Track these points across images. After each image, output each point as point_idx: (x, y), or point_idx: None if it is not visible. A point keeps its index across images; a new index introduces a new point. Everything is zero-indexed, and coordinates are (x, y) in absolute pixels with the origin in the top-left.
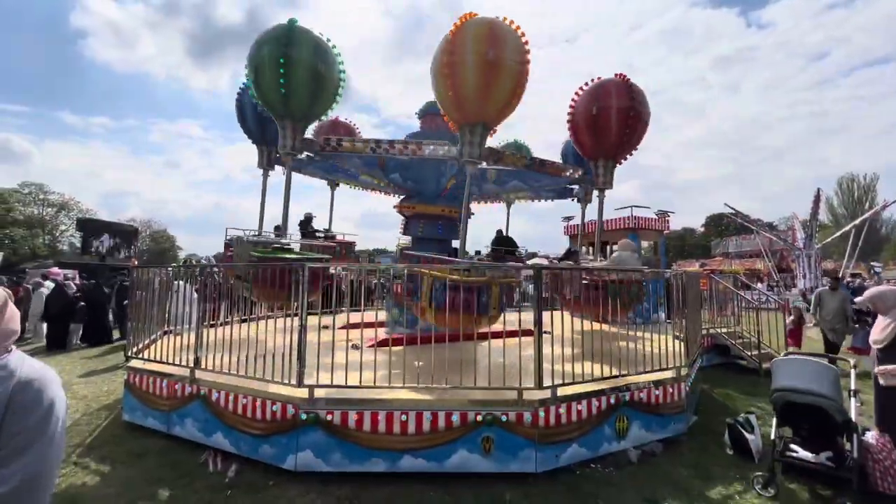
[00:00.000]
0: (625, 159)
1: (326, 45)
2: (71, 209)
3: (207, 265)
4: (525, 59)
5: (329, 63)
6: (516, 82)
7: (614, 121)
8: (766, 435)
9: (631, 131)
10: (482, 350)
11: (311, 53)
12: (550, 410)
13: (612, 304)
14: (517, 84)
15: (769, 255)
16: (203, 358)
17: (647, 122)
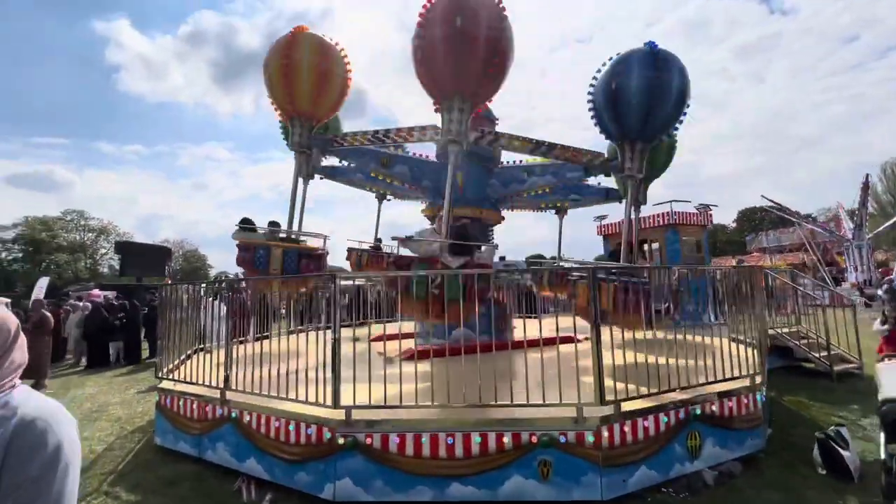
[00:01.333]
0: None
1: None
2: (109, 233)
3: (235, 280)
4: None
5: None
6: None
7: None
8: (863, 451)
9: (656, 106)
10: (522, 360)
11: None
12: (614, 429)
13: None
14: None
15: (813, 249)
16: (233, 377)
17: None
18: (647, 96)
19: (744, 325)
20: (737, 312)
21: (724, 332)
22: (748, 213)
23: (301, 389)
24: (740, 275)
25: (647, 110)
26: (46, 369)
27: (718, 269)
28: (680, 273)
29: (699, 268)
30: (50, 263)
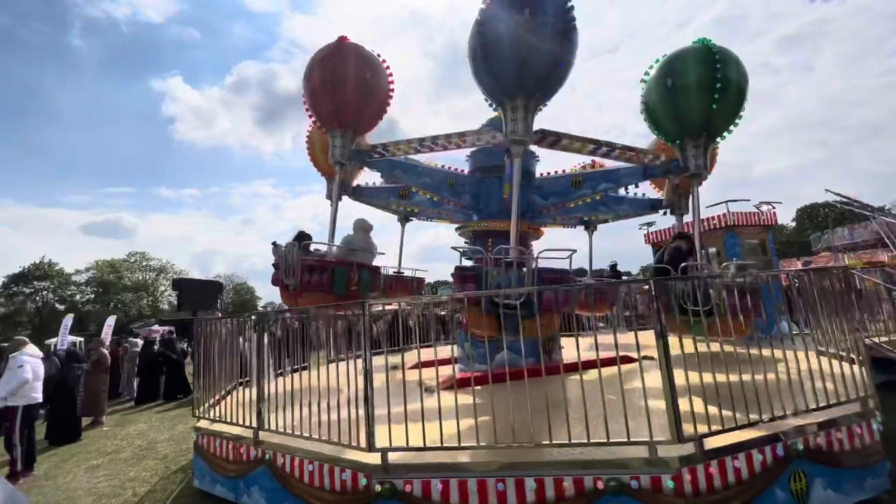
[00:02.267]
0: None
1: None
2: (168, 271)
3: (268, 312)
4: None
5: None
6: None
7: (693, 91)
8: None
9: (720, 100)
10: (576, 386)
11: (358, 64)
12: (698, 471)
13: None
14: None
15: (894, 244)
16: (266, 416)
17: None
18: (705, 91)
19: (836, 336)
20: (827, 321)
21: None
22: (809, 211)
23: (335, 429)
24: (829, 277)
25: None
26: (104, 406)
27: (803, 272)
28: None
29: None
30: (117, 303)
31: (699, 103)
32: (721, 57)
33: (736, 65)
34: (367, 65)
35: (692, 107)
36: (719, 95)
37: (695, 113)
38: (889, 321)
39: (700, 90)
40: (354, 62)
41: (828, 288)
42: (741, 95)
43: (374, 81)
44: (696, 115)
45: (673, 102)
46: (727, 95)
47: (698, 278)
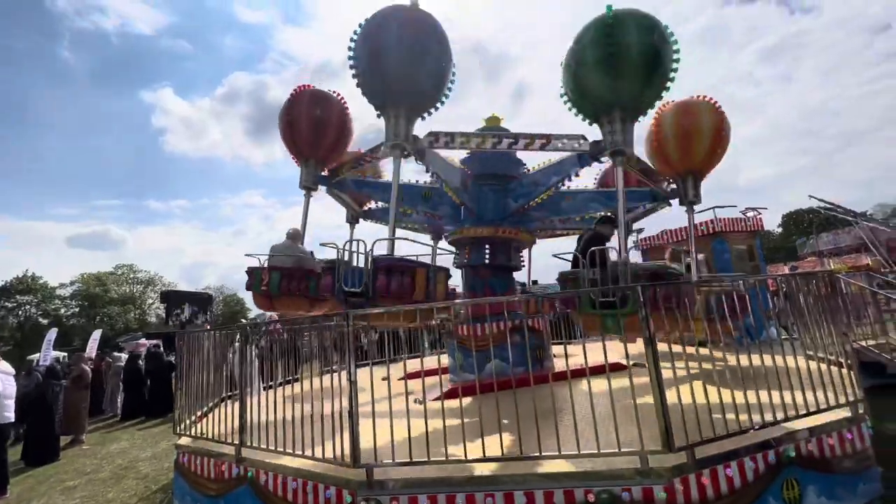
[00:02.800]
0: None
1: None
2: (156, 284)
3: (253, 323)
4: None
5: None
6: None
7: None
8: None
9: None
10: (566, 396)
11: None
12: (690, 481)
13: None
14: None
15: (877, 248)
16: (249, 432)
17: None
18: (602, 65)
19: (824, 340)
20: (815, 326)
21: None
22: (794, 217)
23: (319, 444)
24: (815, 281)
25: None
26: (84, 423)
27: (791, 277)
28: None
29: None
30: (103, 316)
31: (599, 78)
32: (616, 23)
33: (638, 29)
34: (317, 104)
35: (594, 83)
36: (618, 67)
37: (598, 89)
38: (875, 324)
39: (597, 64)
40: (306, 104)
41: (814, 292)
42: (650, 62)
43: (326, 117)
44: (600, 92)
45: (577, 82)
46: (628, 65)
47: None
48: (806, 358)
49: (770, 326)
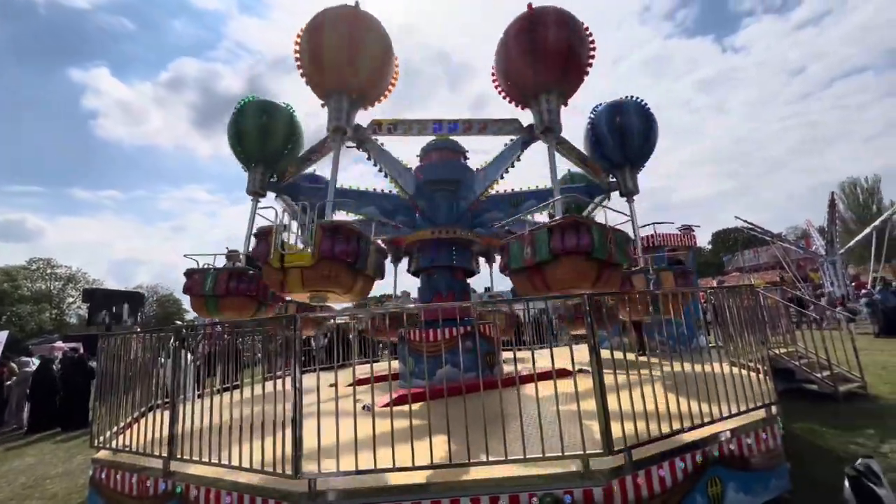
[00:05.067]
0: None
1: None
2: (78, 281)
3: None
4: None
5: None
6: None
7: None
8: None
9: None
10: (515, 401)
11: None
12: (627, 482)
13: None
14: None
15: (789, 266)
16: (180, 443)
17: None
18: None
19: (745, 348)
20: (738, 335)
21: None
22: (722, 235)
23: (258, 455)
24: (739, 294)
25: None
26: None
27: (718, 290)
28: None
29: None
30: (11, 316)
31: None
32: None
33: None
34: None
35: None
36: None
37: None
38: (786, 334)
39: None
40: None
41: (738, 304)
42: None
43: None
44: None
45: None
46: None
47: None
48: (730, 364)
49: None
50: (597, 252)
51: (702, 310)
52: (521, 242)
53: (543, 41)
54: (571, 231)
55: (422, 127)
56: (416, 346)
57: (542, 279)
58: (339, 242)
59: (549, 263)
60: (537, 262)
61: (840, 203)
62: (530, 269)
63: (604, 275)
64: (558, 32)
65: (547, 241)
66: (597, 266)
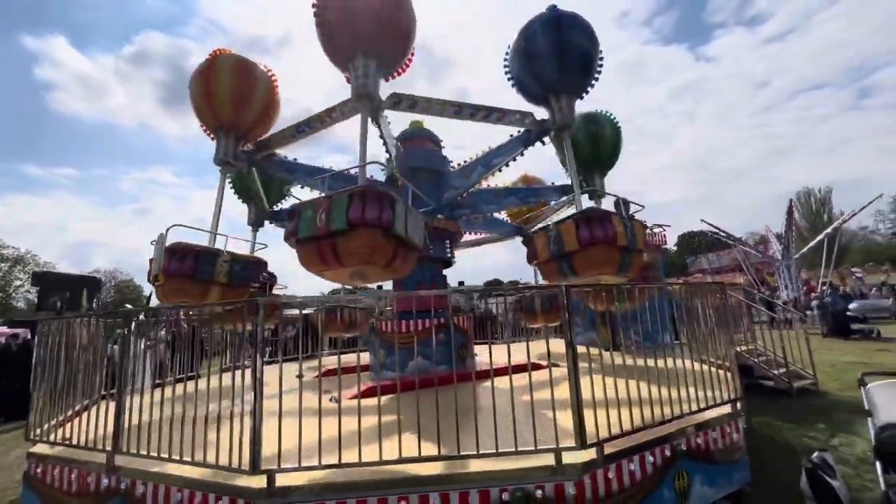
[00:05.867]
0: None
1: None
2: (27, 263)
3: (139, 309)
4: None
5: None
6: None
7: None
8: (845, 477)
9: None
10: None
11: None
12: (598, 476)
13: None
14: None
15: (748, 269)
16: (126, 436)
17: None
18: (557, 56)
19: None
20: (708, 332)
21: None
22: (687, 238)
23: (213, 448)
24: (709, 292)
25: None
26: None
27: (688, 286)
28: None
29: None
30: None
31: (550, 65)
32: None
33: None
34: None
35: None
36: (564, 57)
37: (548, 75)
38: (747, 332)
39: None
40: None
41: (708, 302)
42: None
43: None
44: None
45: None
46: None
47: None
48: (700, 362)
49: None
50: (396, 229)
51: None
52: (315, 207)
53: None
54: (373, 201)
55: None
56: (387, 338)
57: (334, 250)
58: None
59: (344, 234)
60: (332, 230)
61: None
62: (321, 239)
63: (399, 254)
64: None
65: (346, 208)
66: (394, 244)
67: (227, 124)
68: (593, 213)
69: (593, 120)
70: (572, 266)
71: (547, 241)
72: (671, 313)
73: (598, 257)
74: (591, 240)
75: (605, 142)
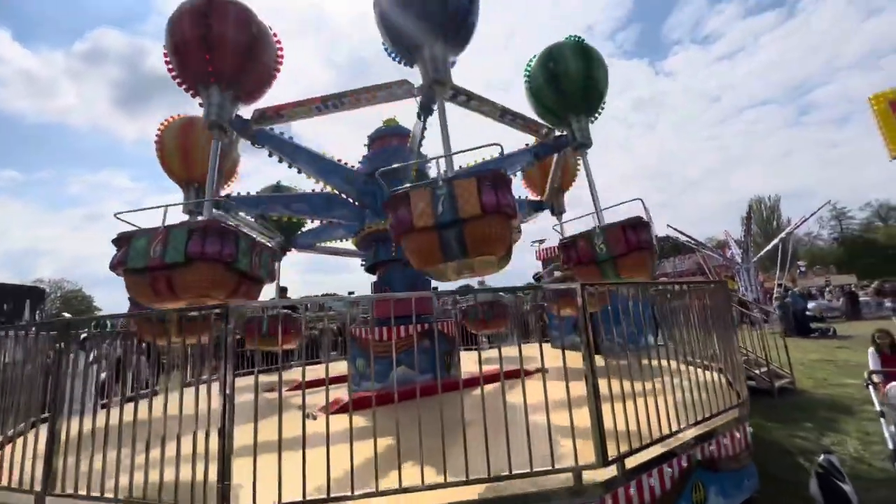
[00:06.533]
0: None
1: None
2: None
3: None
4: None
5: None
6: None
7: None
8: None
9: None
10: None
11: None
12: (619, 495)
13: None
14: None
15: (710, 272)
16: (61, 473)
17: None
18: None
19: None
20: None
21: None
22: None
23: (170, 485)
24: (708, 291)
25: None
26: None
27: (686, 283)
28: None
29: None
30: None
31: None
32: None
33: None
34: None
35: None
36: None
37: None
38: None
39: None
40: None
41: (707, 302)
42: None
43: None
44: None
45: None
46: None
47: None
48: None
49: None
50: (238, 264)
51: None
52: (149, 239)
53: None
54: (215, 236)
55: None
56: (367, 346)
57: (168, 283)
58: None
59: (181, 267)
60: (168, 263)
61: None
62: (154, 270)
63: (243, 287)
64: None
65: (185, 241)
66: (237, 277)
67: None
68: (639, 221)
69: (549, 57)
70: (616, 269)
71: (591, 244)
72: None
73: (641, 261)
74: (638, 244)
75: (571, 77)
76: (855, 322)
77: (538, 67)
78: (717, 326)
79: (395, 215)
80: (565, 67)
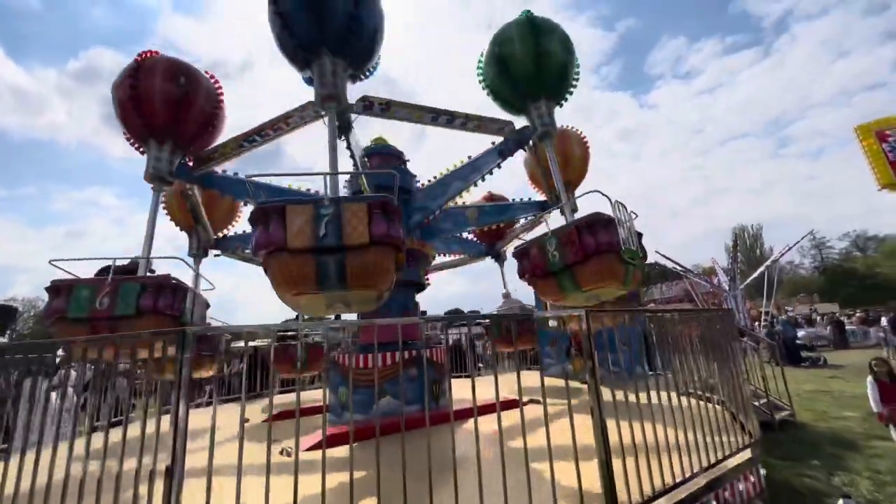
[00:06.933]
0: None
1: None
2: None
3: (36, 344)
4: None
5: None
6: None
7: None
8: None
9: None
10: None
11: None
12: None
13: None
14: None
15: (699, 299)
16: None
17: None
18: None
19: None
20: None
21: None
22: None
23: None
24: (709, 319)
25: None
26: None
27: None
28: None
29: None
30: None
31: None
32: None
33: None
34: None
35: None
36: (543, 62)
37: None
38: None
39: (525, 59)
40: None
41: (709, 330)
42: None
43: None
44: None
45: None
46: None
47: None
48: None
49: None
50: (184, 318)
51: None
52: (93, 289)
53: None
54: (168, 292)
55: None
56: (350, 374)
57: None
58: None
59: (129, 319)
60: (115, 315)
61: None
62: (97, 321)
63: None
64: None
65: (137, 295)
66: None
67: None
68: (597, 219)
69: (537, 27)
70: (575, 279)
71: (544, 252)
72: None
73: (604, 267)
74: (596, 248)
75: (518, 59)
76: (843, 351)
77: (487, 56)
78: (719, 357)
79: (263, 230)
80: (510, 49)
